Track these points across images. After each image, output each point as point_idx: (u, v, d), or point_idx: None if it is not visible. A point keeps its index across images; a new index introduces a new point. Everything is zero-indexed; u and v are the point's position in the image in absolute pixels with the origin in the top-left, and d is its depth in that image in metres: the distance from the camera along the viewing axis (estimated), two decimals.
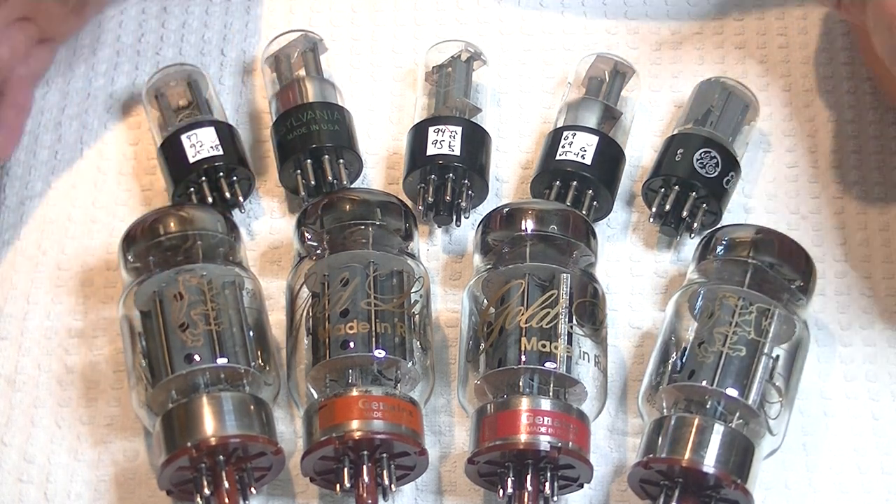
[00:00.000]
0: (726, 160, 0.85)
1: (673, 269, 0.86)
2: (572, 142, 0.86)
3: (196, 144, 0.86)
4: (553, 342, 0.76)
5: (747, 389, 0.76)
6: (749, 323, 0.77)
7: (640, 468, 0.75)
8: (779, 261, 0.80)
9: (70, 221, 0.89)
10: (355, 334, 0.77)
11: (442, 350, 0.83)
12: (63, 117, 0.93)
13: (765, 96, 0.92)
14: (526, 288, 0.78)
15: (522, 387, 0.76)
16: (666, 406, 0.77)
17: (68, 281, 0.86)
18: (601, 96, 0.89)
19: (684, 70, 0.94)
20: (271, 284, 0.85)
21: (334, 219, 0.81)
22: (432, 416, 0.81)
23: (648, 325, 0.84)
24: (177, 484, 0.76)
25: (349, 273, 0.79)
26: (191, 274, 0.78)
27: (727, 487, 0.73)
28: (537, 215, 0.81)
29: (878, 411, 0.81)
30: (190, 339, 0.76)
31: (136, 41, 0.96)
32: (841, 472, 0.79)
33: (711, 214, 0.85)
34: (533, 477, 0.75)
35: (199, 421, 0.74)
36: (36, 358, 0.83)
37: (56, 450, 0.80)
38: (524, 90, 0.94)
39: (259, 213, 0.89)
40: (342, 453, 0.75)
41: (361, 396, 0.75)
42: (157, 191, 0.90)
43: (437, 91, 0.90)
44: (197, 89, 0.90)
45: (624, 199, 0.89)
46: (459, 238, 0.88)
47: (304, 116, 0.87)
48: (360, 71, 0.95)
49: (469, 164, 0.86)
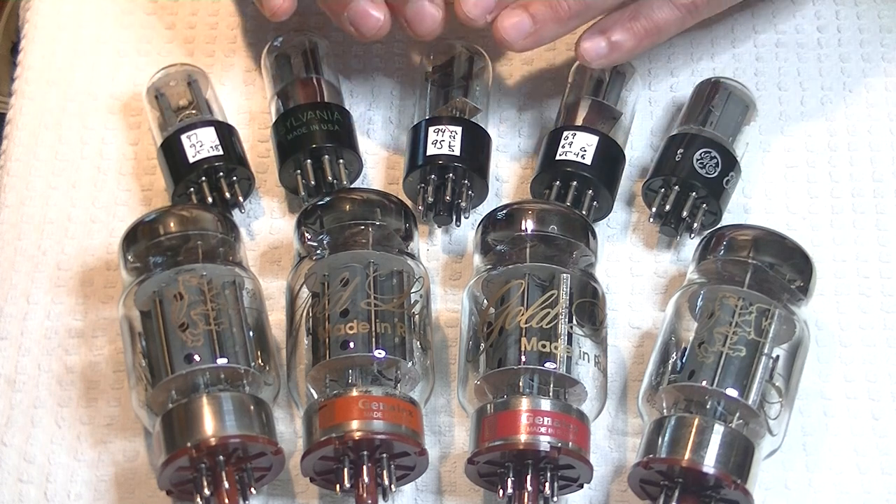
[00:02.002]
0: (726, 160, 0.85)
1: (673, 269, 0.86)
2: (572, 142, 0.86)
3: (196, 144, 0.86)
4: (553, 342, 0.77)
5: (747, 390, 0.76)
6: (749, 323, 0.77)
7: (640, 468, 0.75)
8: (779, 261, 0.80)
9: (70, 221, 0.89)
10: (355, 334, 0.77)
11: (442, 350, 0.83)
12: (63, 117, 0.93)
13: (764, 96, 0.92)
14: (526, 288, 0.78)
15: (522, 387, 0.76)
16: (666, 406, 0.77)
17: (68, 281, 0.86)
18: (601, 96, 0.89)
19: (684, 70, 0.94)
20: (271, 284, 0.85)
21: (334, 219, 0.81)
22: (432, 416, 0.81)
23: (648, 325, 0.84)
24: (177, 484, 0.76)
25: (349, 273, 0.79)
26: (191, 274, 0.78)
27: (727, 487, 0.74)
28: (537, 215, 0.81)
29: (878, 411, 0.81)
30: (190, 339, 0.76)
31: (136, 41, 0.96)
32: (841, 472, 0.79)
33: (711, 214, 0.85)
34: (533, 477, 0.75)
35: (199, 421, 0.74)
36: (36, 358, 0.83)
37: (56, 450, 0.80)
38: (524, 90, 0.94)
39: (259, 213, 0.89)
40: (342, 453, 0.75)
41: (361, 396, 0.75)
42: (157, 191, 0.90)
43: (437, 91, 0.90)
44: (197, 89, 0.90)
45: (624, 199, 0.89)
46: (459, 238, 0.88)
47: (304, 116, 0.87)
48: (360, 71, 0.95)
49: (469, 164, 0.86)
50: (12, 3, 1.31)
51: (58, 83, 0.94)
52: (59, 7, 0.98)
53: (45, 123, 0.93)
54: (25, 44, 0.97)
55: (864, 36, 0.95)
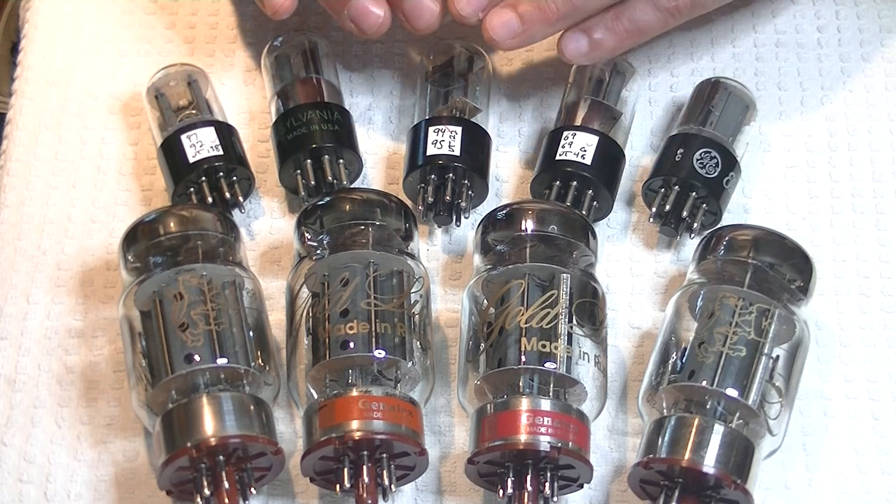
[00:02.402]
0: (726, 160, 0.85)
1: (673, 269, 0.86)
2: (572, 142, 0.86)
3: (196, 144, 0.86)
4: (553, 342, 0.76)
5: (747, 390, 0.76)
6: (749, 323, 0.77)
7: (640, 468, 0.75)
8: (779, 261, 0.80)
9: (70, 221, 0.89)
10: (355, 334, 0.77)
11: (442, 350, 0.83)
12: (63, 117, 0.93)
13: (764, 96, 0.92)
14: (526, 288, 0.78)
15: (522, 387, 0.76)
16: (666, 406, 0.77)
17: (68, 281, 0.86)
18: (601, 96, 0.89)
19: (684, 70, 0.94)
20: (271, 284, 0.85)
21: (334, 219, 0.81)
22: (432, 416, 0.81)
23: (648, 325, 0.84)
24: (177, 484, 0.76)
25: (349, 273, 0.79)
26: (191, 274, 0.78)
27: (727, 488, 0.73)
28: (537, 215, 0.81)
29: (878, 411, 0.81)
30: (190, 339, 0.76)
31: (136, 41, 0.96)
32: (841, 472, 0.79)
33: (711, 214, 0.85)
34: (533, 477, 0.75)
35: (199, 421, 0.74)
36: (36, 358, 0.83)
37: (56, 450, 0.80)
38: (524, 90, 0.94)
39: (259, 213, 0.89)
40: (342, 453, 0.75)
41: (361, 396, 0.75)
42: (157, 191, 0.90)
43: (437, 91, 0.90)
44: (197, 89, 0.90)
45: (624, 199, 0.89)
46: (459, 238, 0.88)
47: (304, 116, 0.87)
48: (360, 71, 0.95)
49: (469, 164, 0.86)
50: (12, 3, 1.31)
51: (58, 83, 0.94)
52: (59, 7, 0.98)
53: (45, 123, 0.93)
54: (25, 44, 0.97)
55: (864, 36, 0.95)
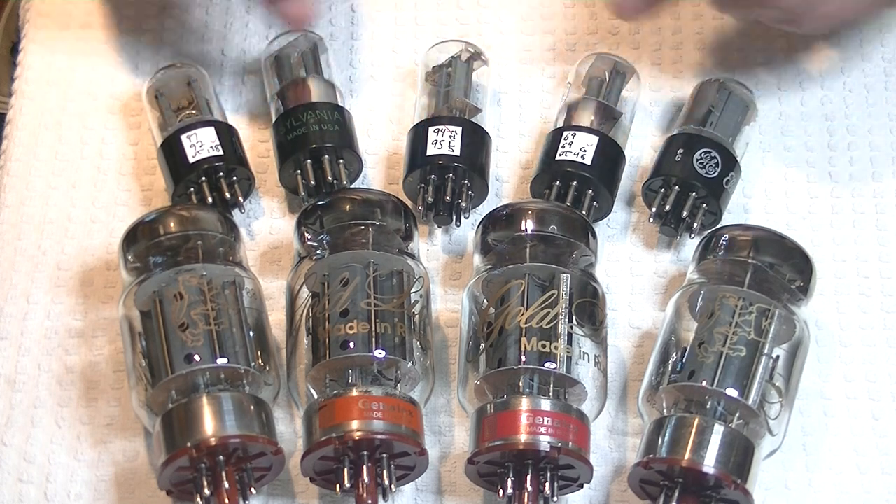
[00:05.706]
0: (726, 160, 0.85)
1: (673, 269, 0.86)
2: (572, 142, 0.86)
3: (196, 144, 0.86)
4: (553, 342, 0.76)
5: (747, 390, 0.76)
6: (749, 323, 0.77)
7: (640, 468, 0.75)
8: (779, 261, 0.80)
9: (70, 221, 0.89)
10: (355, 334, 0.77)
11: (442, 350, 0.83)
12: (63, 117, 0.93)
13: (764, 96, 0.92)
14: (526, 288, 0.78)
15: (522, 387, 0.76)
16: (666, 406, 0.77)
17: (68, 281, 0.86)
18: (601, 96, 0.89)
19: (684, 70, 0.94)
20: (271, 284, 0.85)
21: (334, 219, 0.81)
22: (432, 416, 0.81)
23: (648, 325, 0.84)
24: (177, 484, 0.76)
25: (349, 273, 0.79)
26: (191, 274, 0.78)
27: (727, 487, 0.74)
28: (537, 215, 0.81)
29: (878, 411, 0.81)
30: (190, 339, 0.76)
31: (136, 41, 0.96)
32: (841, 472, 0.79)
33: (711, 214, 0.85)
34: (533, 477, 0.75)
35: (199, 421, 0.74)
36: (36, 358, 0.83)
37: (56, 450, 0.80)
38: (524, 90, 0.94)
39: (259, 213, 0.89)
40: (342, 453, 0.75)
41: (361, 396, 0.75)
42: (157, 191, 0.90)
43: (437, 91, 0.90)
44: (197, 89, 0.90)
45: (624, 199, 0.89)
46: (459, 238, 0.88)
47: (304, 116, 0.87)
48: (360, 71, 0.95)
49: (469, 164, 0.86)
50: (12, 3, 1.31)
51: (58, 83, 0.94)
52: (59, 7, 0.98)
53: (45, 123, 0.93)
54: (25, 44, 0.97)
55: (864, 36, 0.95)
